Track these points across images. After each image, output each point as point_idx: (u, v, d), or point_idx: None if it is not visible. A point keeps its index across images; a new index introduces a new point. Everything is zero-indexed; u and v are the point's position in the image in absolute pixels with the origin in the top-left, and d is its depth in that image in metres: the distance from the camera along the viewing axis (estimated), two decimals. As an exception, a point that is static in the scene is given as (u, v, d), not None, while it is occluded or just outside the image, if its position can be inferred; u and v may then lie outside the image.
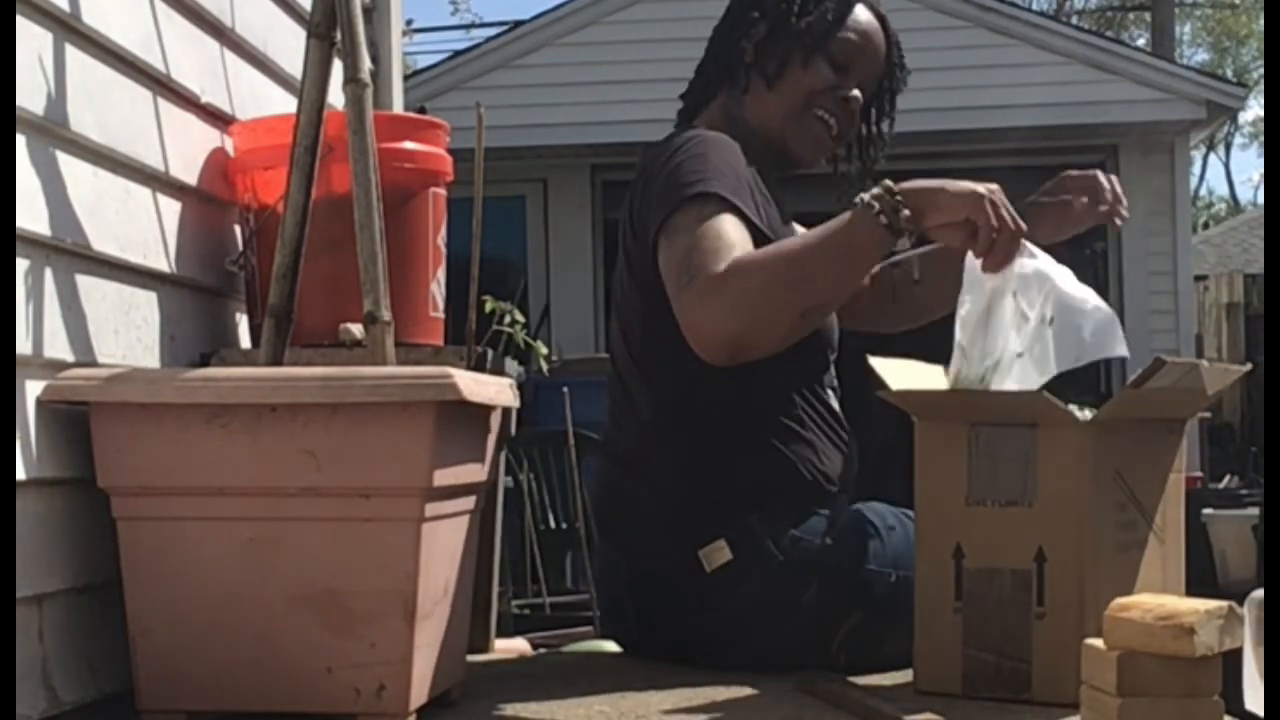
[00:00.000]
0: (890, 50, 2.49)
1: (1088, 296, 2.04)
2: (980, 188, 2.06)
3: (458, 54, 9.93)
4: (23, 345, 1.90)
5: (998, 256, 2.04)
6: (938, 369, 2.24)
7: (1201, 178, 33.31)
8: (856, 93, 2.44)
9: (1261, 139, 29.90)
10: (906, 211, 2.06)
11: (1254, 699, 1.84)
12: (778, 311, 2.11)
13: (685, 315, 2.12)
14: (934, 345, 2.39)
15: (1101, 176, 2.44)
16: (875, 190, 2.08)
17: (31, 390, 1.91)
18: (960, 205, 2.06)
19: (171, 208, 2.37)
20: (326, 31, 2.17)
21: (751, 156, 2.33)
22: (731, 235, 2.15)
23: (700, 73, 2.51)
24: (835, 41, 2.41)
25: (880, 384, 2.13)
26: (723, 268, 2.09)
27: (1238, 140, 34.67)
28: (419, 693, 1.89)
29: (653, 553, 2.32)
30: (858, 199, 2.10)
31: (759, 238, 2.20)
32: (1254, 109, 28.52)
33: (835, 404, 2.40)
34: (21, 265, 1.91)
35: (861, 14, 2.45)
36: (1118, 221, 2.43)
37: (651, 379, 2.35)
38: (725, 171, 2.23)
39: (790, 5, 2.41)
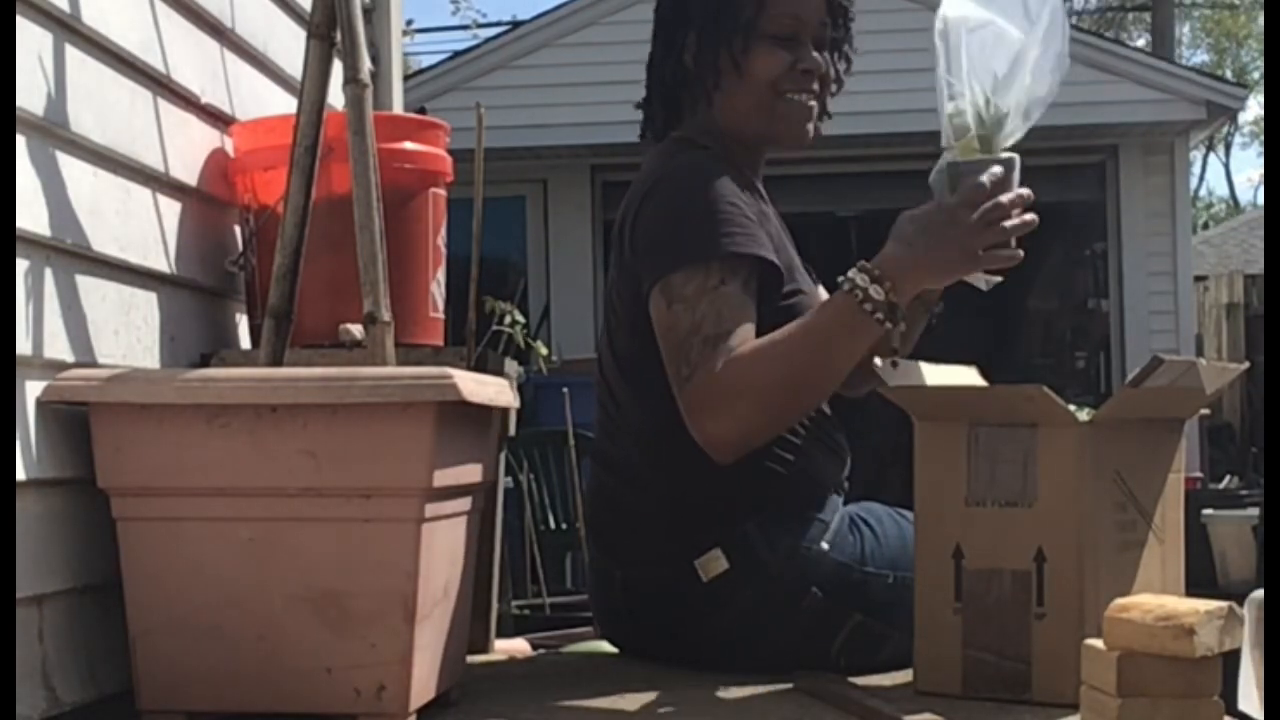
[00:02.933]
0: None
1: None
2: (962, 239, 2.04)
3: (458, 54, 9.93)
4: (23, 345, 1.90)
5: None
6: (939, 368, 2.24)
7: (1201, 178, 33.33)
8: (815, 55, 2.30)
9: (1261, 139, 29.89)
10: (893, 297, 2.04)
11: (1247, 700, 1.84)
12: (777, 414, 2.15)
13: (688, 416, 2.13)
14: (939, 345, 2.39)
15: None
16: (855, 278, 2.05)
17: (31, 390, 1.91)
18: (952, 272, 2.09)
19: (171, 208, 2.37)
20: (326, 32, 2.17)
21: (740, 163, 2.29)
22: (732, 316, 2.10)
23: (653, 99, 2.38)
24: (766, 20, 2.26)
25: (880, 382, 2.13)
26: (720, 368, 2.08)
27: (1238, 140, 34.71)
28: (419, 693, 1.89)
29: (647, 562, 2.30)
30: (842, 282, 2.07)
31: (770, 284, 2.17)
32: (1254, 109, 28.48)
33: (826, 407, 2.35)
34: (21, 265, 1.91)
35: None
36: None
37: (640, 388, 2.29)
38: (734, 215, 2.16)
39: (709, 6, 2.28)
